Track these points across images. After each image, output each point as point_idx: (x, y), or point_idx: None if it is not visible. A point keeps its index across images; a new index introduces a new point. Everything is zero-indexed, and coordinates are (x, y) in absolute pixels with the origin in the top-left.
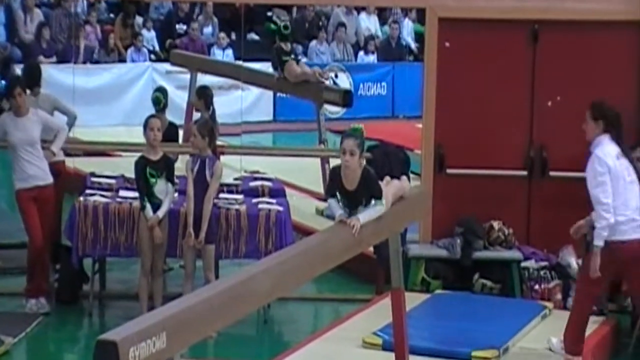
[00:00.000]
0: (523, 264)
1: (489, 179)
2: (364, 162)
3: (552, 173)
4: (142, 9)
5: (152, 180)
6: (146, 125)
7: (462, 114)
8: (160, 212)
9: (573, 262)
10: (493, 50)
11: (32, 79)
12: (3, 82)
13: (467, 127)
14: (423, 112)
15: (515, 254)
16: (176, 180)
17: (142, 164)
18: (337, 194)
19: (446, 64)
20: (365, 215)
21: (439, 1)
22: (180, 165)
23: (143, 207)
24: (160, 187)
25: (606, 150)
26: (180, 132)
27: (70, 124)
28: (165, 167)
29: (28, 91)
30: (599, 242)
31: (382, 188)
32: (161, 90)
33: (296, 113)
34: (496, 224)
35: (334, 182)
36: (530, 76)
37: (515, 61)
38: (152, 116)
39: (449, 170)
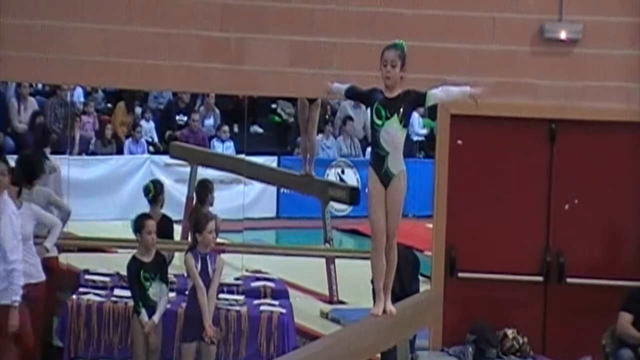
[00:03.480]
0: None
1: (502, 284)
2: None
3: (569, 279)
4: (140, 98)
5: (147, 283)
6: (142, 227)
7: (475, 214)
8: (156, 317)
9: None
10: (508, 149)
11: (31, 171)
12: None
13: (480, 228)
14: (434, 211)
15: None
16: (173, 279)
17: (135, 268)
18: (377, 102)
19: (458, 162)
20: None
21: None
22: (178, 263)
23: (138, 313)
24: (155, 289)
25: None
26: (177, 227)
27: (64, 220)
28: (159, 268)
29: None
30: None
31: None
32: (154, 181)
33: (301, 210)
34: (510, 332)
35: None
36: (546, 177)
37: (531, 161)
38: (145, 216)
39: (460, 274)
